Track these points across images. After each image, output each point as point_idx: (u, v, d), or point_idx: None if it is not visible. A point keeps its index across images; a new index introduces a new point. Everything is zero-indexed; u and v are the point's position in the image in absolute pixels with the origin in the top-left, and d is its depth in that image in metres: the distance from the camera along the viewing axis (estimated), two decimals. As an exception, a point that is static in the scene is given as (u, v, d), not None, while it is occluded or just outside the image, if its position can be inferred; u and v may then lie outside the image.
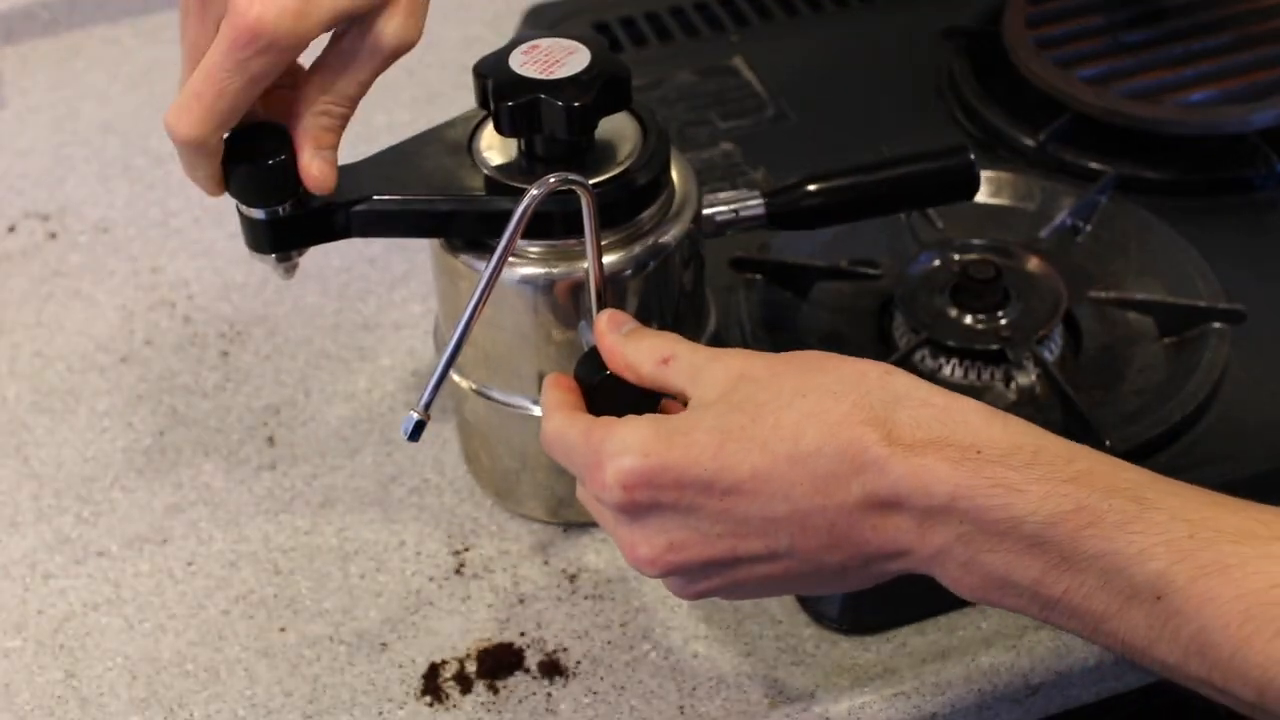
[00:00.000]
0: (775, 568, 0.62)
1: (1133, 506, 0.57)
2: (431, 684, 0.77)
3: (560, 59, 0.73)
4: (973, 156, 0.84)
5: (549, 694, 0.77)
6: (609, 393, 0.70)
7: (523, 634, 0.79)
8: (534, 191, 0.70)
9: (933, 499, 0.58)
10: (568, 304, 0.75)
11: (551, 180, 0.70)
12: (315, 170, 0.71)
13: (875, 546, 0.60)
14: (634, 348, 0.67)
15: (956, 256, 0.89)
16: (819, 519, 0.60)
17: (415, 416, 0.71)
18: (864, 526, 0.60)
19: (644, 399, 0.70)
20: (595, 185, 0.71)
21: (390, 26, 0.69)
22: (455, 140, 0.77)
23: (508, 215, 0.71)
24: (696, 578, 0.64)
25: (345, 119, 0.71)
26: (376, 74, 0.70)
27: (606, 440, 0.63)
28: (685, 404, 0.65)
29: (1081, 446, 0.59)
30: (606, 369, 0.71)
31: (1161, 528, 0.56)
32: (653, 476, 0.61)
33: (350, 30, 0.69)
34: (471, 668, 0.78)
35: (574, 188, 0.70)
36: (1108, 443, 0.81)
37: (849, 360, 0.63)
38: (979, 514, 0.58)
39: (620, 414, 0.72)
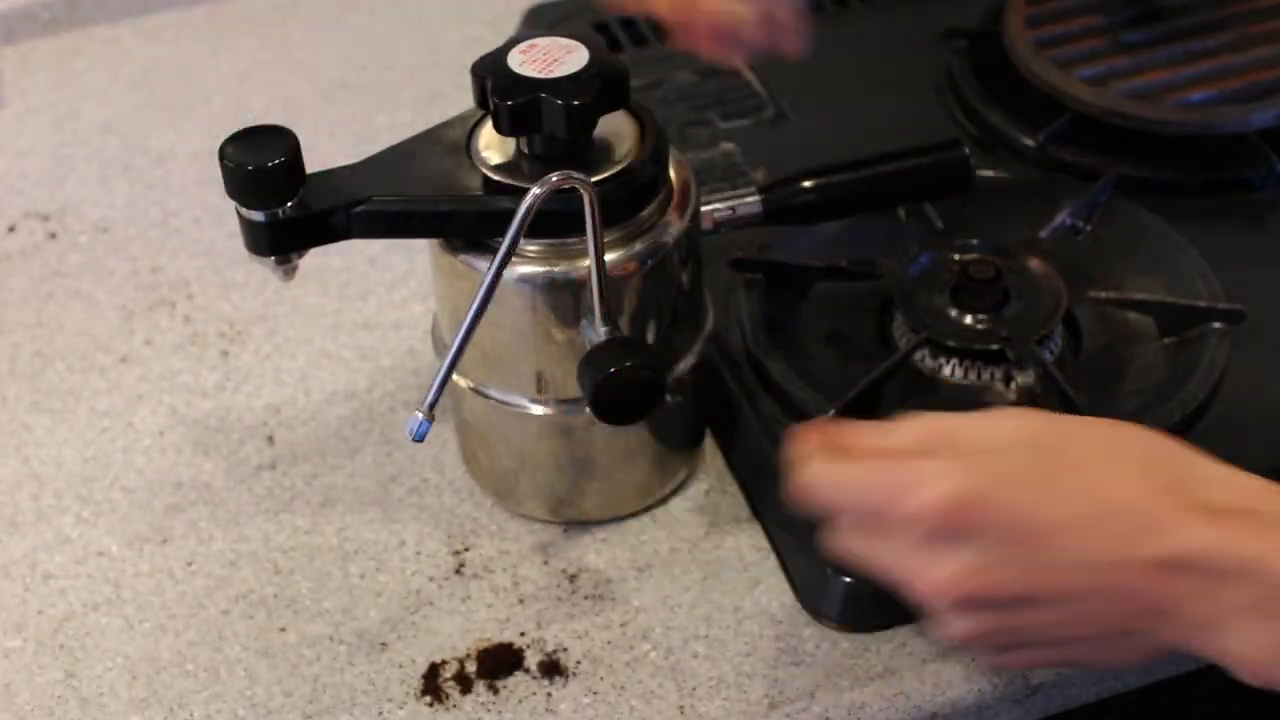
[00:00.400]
0: (1062, 615, 0.62)
1: None
2: (431, 684, 0.77)
3: (559, 58, 0.73)
4: (967, 150, 0.84)
5: (549, 694, 0.77)
6: (615, 390, 0.70)
7: (523, 634, 0.79)
8: (536, 190, 0.70)
9: (1234, 560, 0.58)
10: (567, 303, 0.75)
11: (554, 179, 0.70)
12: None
13: (1162, 603, 0.60)
14: (904, 438, 0.64)
15: (956, 256, 0.89)
16: (1115, 573, 0.60)
17: (420, 417, 0.71)
18: (1153, 586, 0.60)
19: (651, 398, 0.70)
20: (595, 184, 0.71)
21: None
22: (454, 140, 0.77)
23: (507, 215, 0.71)
24: (985, 614, 0.63)
25: None
26: None
27: (914, 470, 0.62)
28: None
29: None
30: (610, 368, 0.71)
31: None
32: (970, 506, 0.61)
33: None
34: (471, 668, 0.78)
35: (576, 186, 0.70)
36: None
37: (1139, 438, 0.63)
38: (1274, 576, 0.58)
39: (625, 409, 0.72)
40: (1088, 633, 0.62)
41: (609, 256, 0.74)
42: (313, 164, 0.75)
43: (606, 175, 0.74)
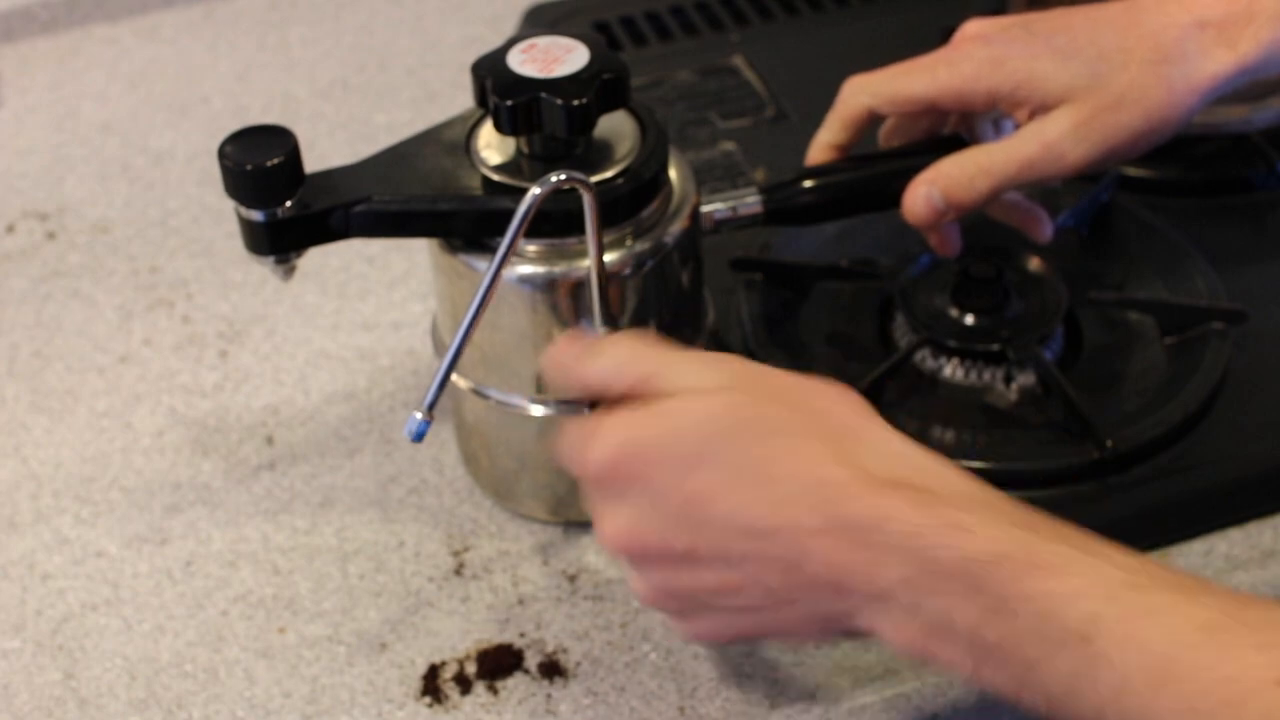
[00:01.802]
0: (729, 579, 0.63)
1: (1074, 553, 0.58)
2: (431, 684, 0.77)
3: (559, 57, 0.73)
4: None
5: (549, 694, 0.76)
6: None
7: (522, 634, 0.79)
8: (536, 190, 0.70)
9: (887, 534, 0.59)
10: (567, 303, 0.75)
11: (554, 179, 0.70)
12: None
13: (825, 578, 0.61)
14: (602, 367, 0.67)
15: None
16: (776, 539, 0.61)
17: (419, 418, 0.71)
18: (818, 554, 0.61)
19: None
20: (595, 184, 0.71)
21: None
22: (453, 140, 0.77)
23: (507, 214, 0.71)
24: (656, 571, 0.65)
25: None
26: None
27: (600, 425, 0.65)
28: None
29: (1030, 507, 0.61)
30: None
31: (1099, 571, 0.57)
32: (627, 460, 0.63)
33: None
34: (471, 668, 0.78)
35: (576, 186, 0.70)
36: (1109, 443, 0.80)
37: (838, 408, 0.64)
38: (928, 552, 0.59)
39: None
40: (759, 599, 0.63)
41: (609, 256, 0.74)
42: (312, 164, 0.75)
43: (607, 175, 0.74)
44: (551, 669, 0.77)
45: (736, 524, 0.62)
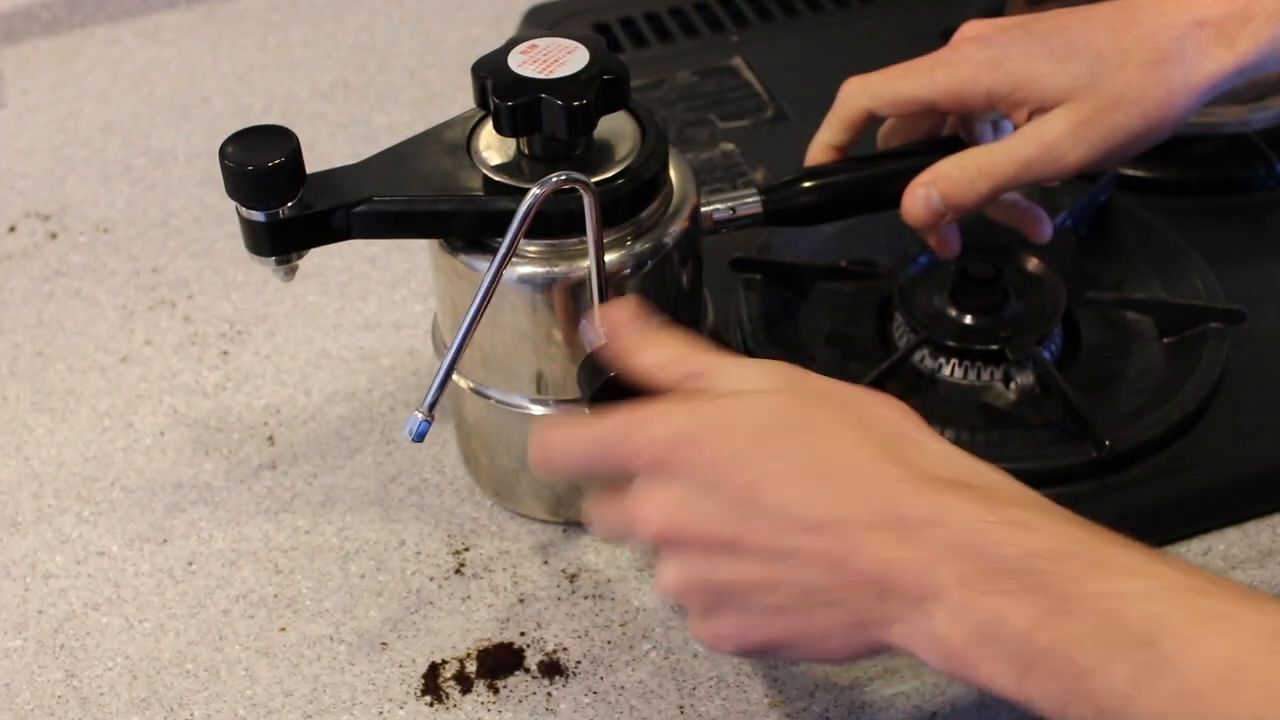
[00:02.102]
0: (769, 573, 0.61)
1: (1140, 556, 0.57)
2: (431, 684, 0.77)
3: (559, 58, 0.73)
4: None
5: (549, 694, 0.77)
6: (615, 392, 0.70)
7: (523, 634, 0.79)
8: (537, 190, 0.70)
9: (947, 530, 0.58)
10: (567, 303, 0.76)
11: (554, 179, 0.70)
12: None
13: (872, 576, 0.59)
14: (656, 356, 0.67)
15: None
16: (827, 534, 0.60)
17: (420, 418, 0.71)
18: (869, 549, 0.59)
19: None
20: (596, 184, 0.71)
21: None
22: (453, 141, 0.77)
23: (507, 215, 0.71)
24: (690, 559, 0.63)
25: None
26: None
27: (649, 409, 0.64)
28: None
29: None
30: (611, 370, 0.71)
31: (1166, 576, 0.56)
32: (684, 443, 0.62)
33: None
34: (471, 667, 0.78)
35: (576, 187, 0.70)
36: (1107, 443, 0.81)
37: (892, 415, 0.63)
38: (990, 548, 0.57)
39: None
40: (796, 599, 0.61)
41: (609, 257, 0.74)
42: (313, 164, 0.75)
43: (607, 175, 0.74)
44: (551, 668, 0.78)
45: (789, 515, 0.60)
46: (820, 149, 0.85)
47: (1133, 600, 0.55)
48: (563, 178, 0.70)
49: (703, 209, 0.81)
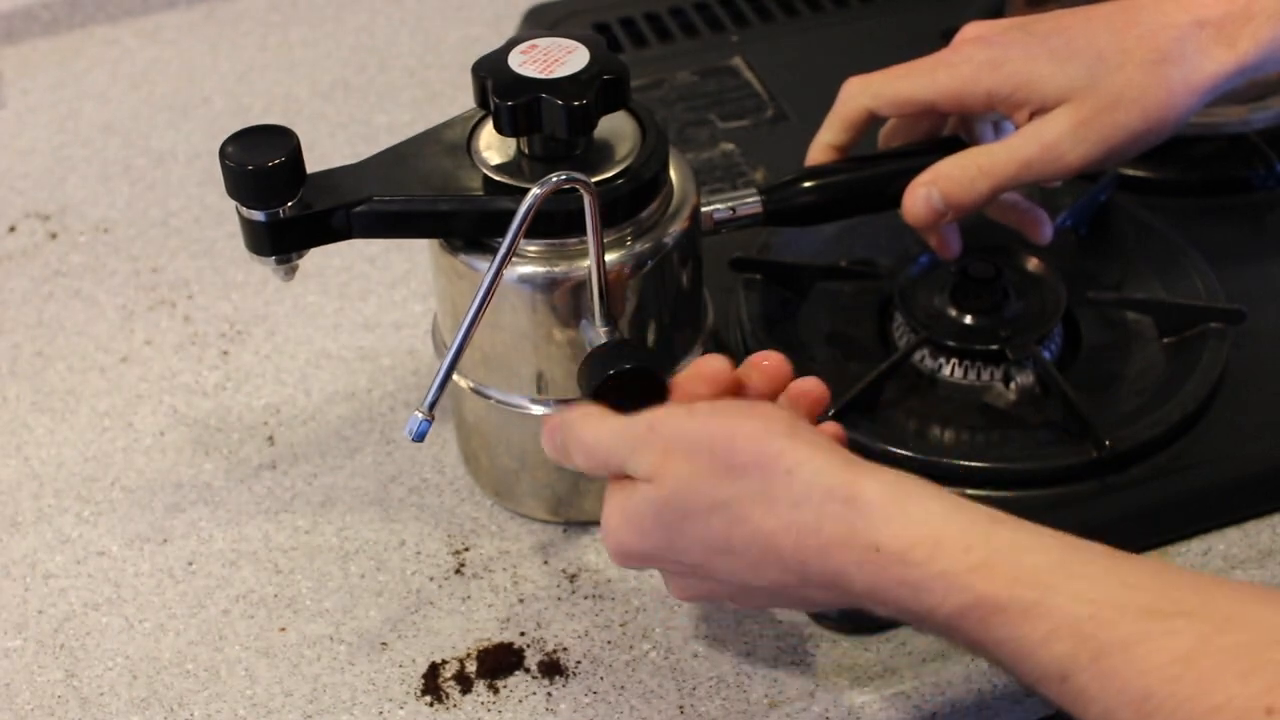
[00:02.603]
0: (778, 602, 0.69)
1: (1033, 594, 0.58)
2: (431, 684, 0.77)
3: (559, 58, 0.73)
4: None
5: (549, 694, 0.77)
6: (615, 392, 0.70)
7: (523, 634, 0.79)
8: (537, 190, 0.70)
9: (853, 592, 0.62)
10: (567, 303, 0.76)
11: (554, 179, 0.70)
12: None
13: (844, 604, 0.65)
14: (577, 460, 0.70)
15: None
16: (778, 589, 0.66)
17: (420, 418, 0.71)
18: (818, 597, 0.66)
19: (651, 400, 0.70)
20: (596, 184, 0.71)
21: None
22: (454, 140, 0.77)
23: (507, 214, 0.71)
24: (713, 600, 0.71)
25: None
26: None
27: (604, 519, 0.69)
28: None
29: (985, 528, 0.61)
30: (610, 370, 0.71)
31: (1063, 612, 0.57)
32: (636, 557, 0.69)
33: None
34: (471, 667, 0.78)
35: (576, 186, 0.70)
36: (1107, 443, 0.81)
37: (756, 451, 0.64)
38: (895, 604, 0.61)
39: (625, 411, 0.72)
40: (765, 602, 0.69)
41: (609, 257, 0.74)
42: (313, 164, 0.75)
43: (607, 175, 0.74)
44: (551, 668, 0.77)
45: (737, 582, 0.66)
46: (821, 149, 0.85)
47: (1035, 645, 0.58)
48: (563, 178, 0.70)
49: (703, 209, 0.81)
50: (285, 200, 0.73)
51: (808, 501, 0.62)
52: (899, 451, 0.82)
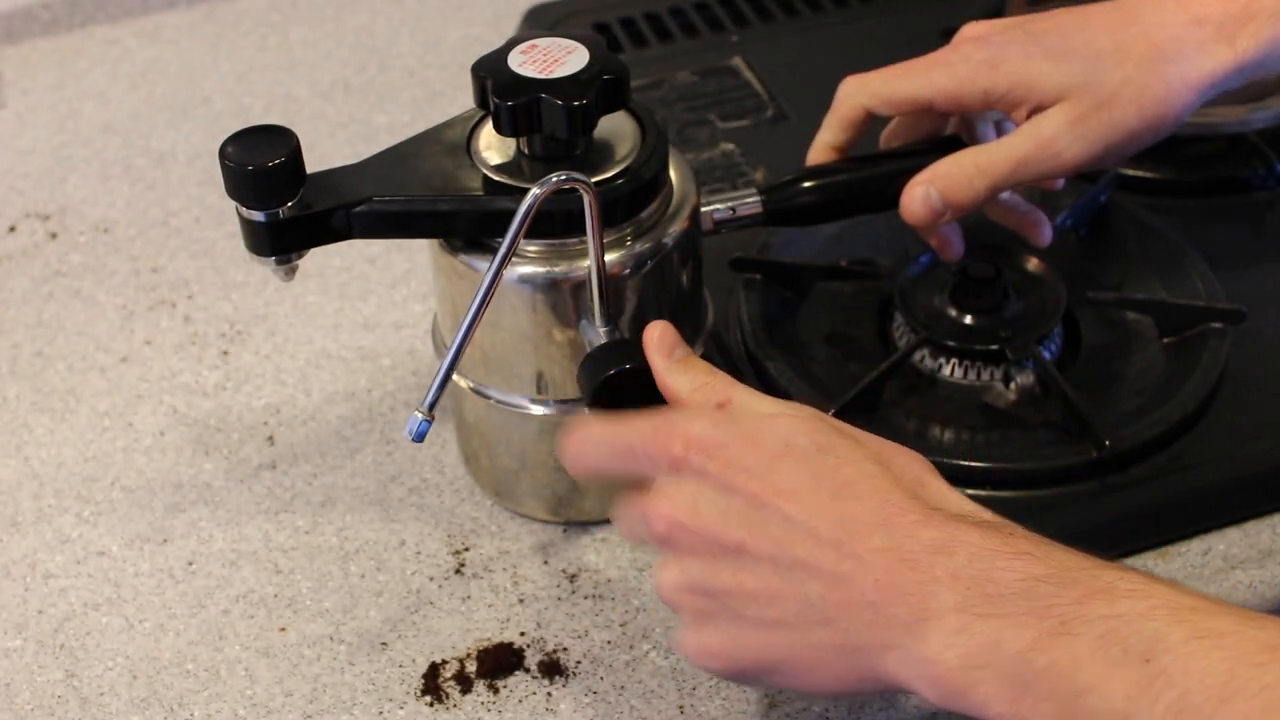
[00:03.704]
0: (771, 584, 0.62)
1: (1142, 580, 0.58)
2: (431, 684, 0.77)
3: (559, 58, 0.73)
4: None
5: (549, 694, 0.77)
6: (615, 392, 0.70)
7: (523, 634, 0.79)
8: (536, 191, 0.70)
9: (952, 557, 0.59)
10: (567, 303, 0.76)
11: (554, 179, 0.70)
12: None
13: (870, 598, 0.60)
14: (685, 381, 0.69)
15: None
16: (834, 550, 0.61)
17: (420, 418, 0.71)
18: (872, 572, 0.60)
19: (651, 400, 0.70)
20: (596, 184, 0.71)
21: None
22: (453, 141, 0.77)
23: (507, 215, 0.71)
24: (693, 558, 0.63)
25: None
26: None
27: (680, 412, 0.66)
28: None
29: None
30: (610, 370, 0.71)
31: (1166, 597, 0.56)
32: (715, 447, 0.63)
33: None
34: (471, 667, 0.78)
35: (576, 187, 0.70)
36: (1107, 443, 0.81)
37: (885, 446, 0.65)
38: (992, 574, 0.58)
39: (623, 411, 0.72)
40: (793, 614, 0.61)
41: (609, 257, 0.74)
42: (313, 164, 0.75)
43: (607, 175, 0.74)
44: (551, 668, 0.78)
45: (801, 527, 0.61)
46: (821, 149, 0.85)
47: (1132, 620, 0.56)
48: (563, 178, 0.70)
49: (703, 209, 0.81)
50: (285, 200, 0.73)
51: (945, 489, 0.63)
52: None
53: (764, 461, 0.62)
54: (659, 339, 0.71)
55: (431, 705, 0.76)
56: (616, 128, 0.76)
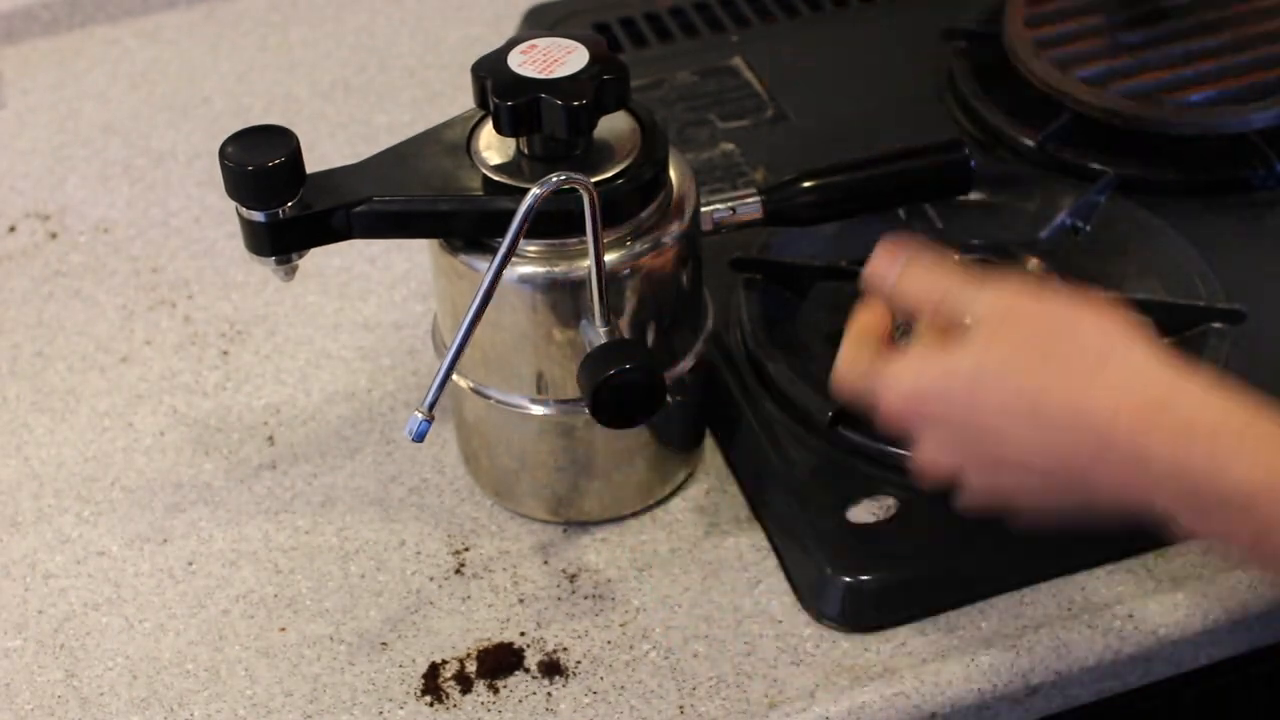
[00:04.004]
0: (1034, 494, 0.69)
1: None
2: (431, 684, 0.77)
3: (559, 58, 0.73)
4: (967, 151, 0.84)
5: (549, 694, 0.77)
6: (615, 393, 0.71)
7: (523, 634, 0.79)
8: (537, 191, 0.70)
9: (1151, 472, 0.64)
10: (567, 303, 0.76)
11: (554, 179, 0.70)
12: None
13: (1116, 495, 0.67)
14: (909, 294, 0.73)
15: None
16: (1060, 467, 0.67)
17: (420, 418, 0.71)
18: (1102, 479, 0.66)
19: (651, 401, 0.71)
20: (596, 184, 0.71)
21: None
22: (453, 141, 0.77)
23: (507, 215, 0.71)
24: (975, 476, 0.71)
25: None
26: None
27: (885, 371, 0.71)
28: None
29: None
30: (610, 370, 0.71)
31: None
32: (920, 401, 0.70)
33: None
34: (471, 667, 0.78)
35: (576, 187, 0.70)
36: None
37: (1098, 331, 0.68)
38: (1193, 488, 0.64)
39: (623, 411, 0.73)
40: (1061, 499, 0.69)
41: (609, 257, 0.74)
42: (313, 164, 0.75)
43: (607, 175, 0.74)
44: (551, 668, 0.78)
45: (1021, 460, 0.68)
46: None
47: None
48: (563, 178, 0.70)
49: (703, 209, 0.81)
50: (285, 200, 0.73)
51: (1138, 376, 0.66)
52: (899, 451, 0.82)
53: (964, 405, 0.68)
54: (873, 269, 0.74)
55: (431, 705, 0.76)
56: (616, 128, 0.76)
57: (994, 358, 0.68)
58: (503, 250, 0.71)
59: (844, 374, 0.74)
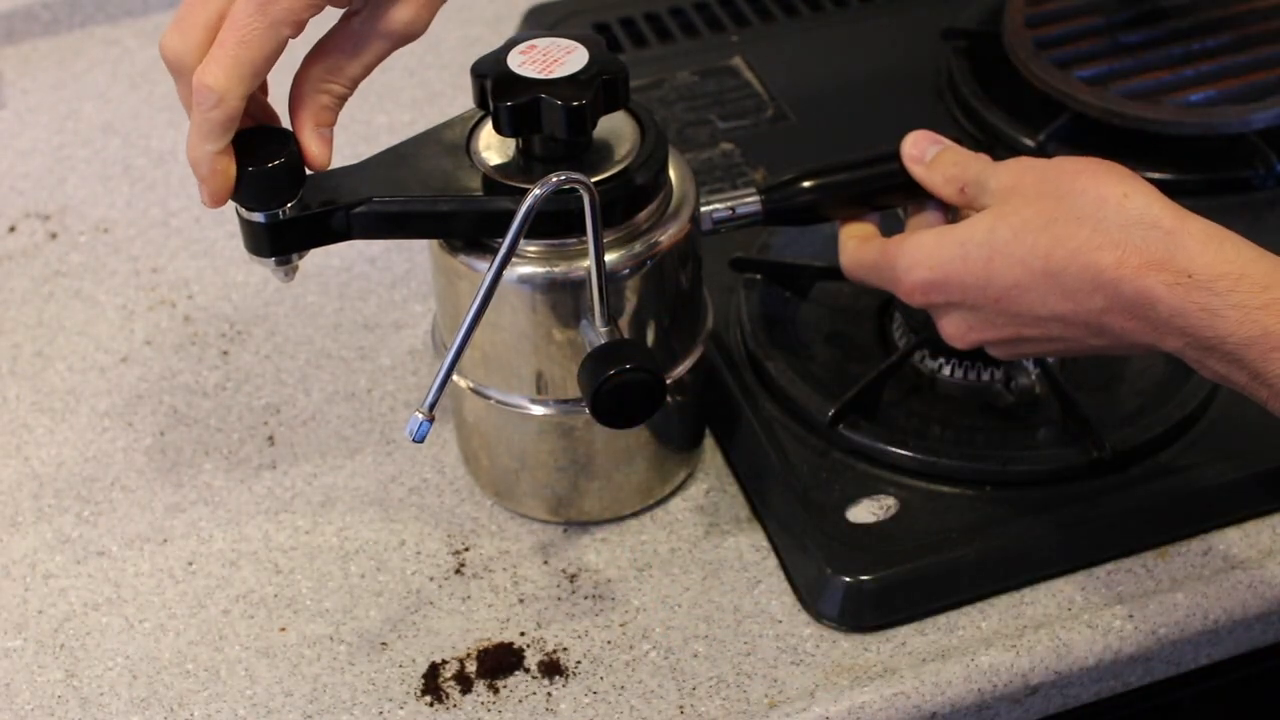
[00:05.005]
0: (1056, 345, 0.74)
1: None
2: (432, 684, 0.77)
3: (559, 58, 0.73)
4: None
5: (549, 694, 0.77)
6: (615, 393, 0.71)
7: (523, 634, 0.79)
8: (537, 191, 0.70)
9: (1156, 316, 0.69)
10: (567, 303, 0.76)
11: (554, 179, 0.70)
12: (314, 148, 0.75)
13: (1128, 340, 0.71)
14: (937, 179, 0.77)
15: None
16: (1076, 318, 0.71)
17: (420, 418, 0.71)
18: (1114, 325, 0.70)
19: (651, 401, 0.71)
20: (596, 184, 0.71)
21: (402, 13, 0.73)
22: (453, 141, 0.77)
23: (507, 215, 0.71)
24: (999, 346, 0.76)
25: (344, 99, 0.77)
26: (380, 59, 0.75)
27: (899, 256, 0.76)
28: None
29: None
30: (610, 370, 0.71)
31: None
32: (939, 286, 0.74)
33: (361, 12, 0.73)
34: (471, 667, 0.78)
35: (576, 187, 0.70)
36: (1107, 443, 0.81)
37: (1094, 183, 0.72)
38: (1192, 331, 0.68)
39: (623, 411, 0.72)
40: (1087, 348, 0.74)
41: (609, 257, 0.74)
42: (313, 164, 0.75)
43: (606, 176, 0.74)
44: (551, 668, 0.78)
45: (1041, 314, 0.72)
46: None
47: None
48: (562, 178, 0.70)
49: (702, 209, 0.81)
50: (285, 201, 0.73)
51: (1137, 225, 0.69)
52: (899, 451, 0.82)
53: (981, 274, 0.72)
54: (911, 149, 0.78)
55: (431, 705, 0.76)
56: (616, 128, 0.76)
57: (1006, 225, 0.72)
58: (503, 250, 0.71)
59: (856, 258, 0.79)
